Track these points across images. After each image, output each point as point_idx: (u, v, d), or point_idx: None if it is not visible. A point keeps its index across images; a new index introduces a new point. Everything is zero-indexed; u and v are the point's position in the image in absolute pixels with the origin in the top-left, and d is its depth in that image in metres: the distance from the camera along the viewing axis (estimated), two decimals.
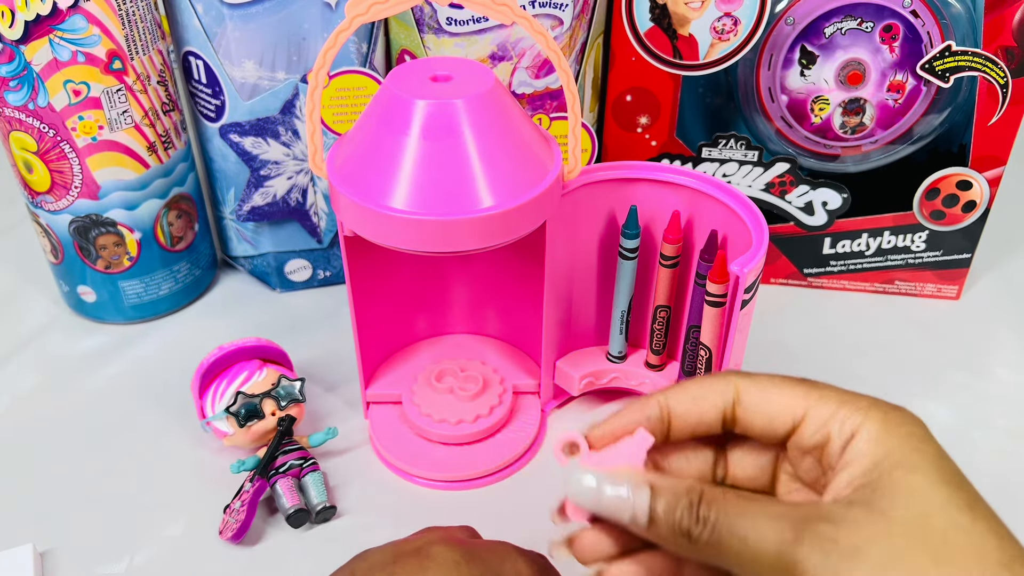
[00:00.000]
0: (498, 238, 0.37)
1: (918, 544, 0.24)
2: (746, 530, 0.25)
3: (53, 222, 0.55)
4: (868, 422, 0.26)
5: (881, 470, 0.26)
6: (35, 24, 0.47)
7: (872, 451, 0.26)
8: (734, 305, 0.39)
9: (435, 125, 0.36)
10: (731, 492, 0.27)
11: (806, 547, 0.24)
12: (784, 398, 0.28)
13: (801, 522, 0.25)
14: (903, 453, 0.26)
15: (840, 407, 0.27)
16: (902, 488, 0.25)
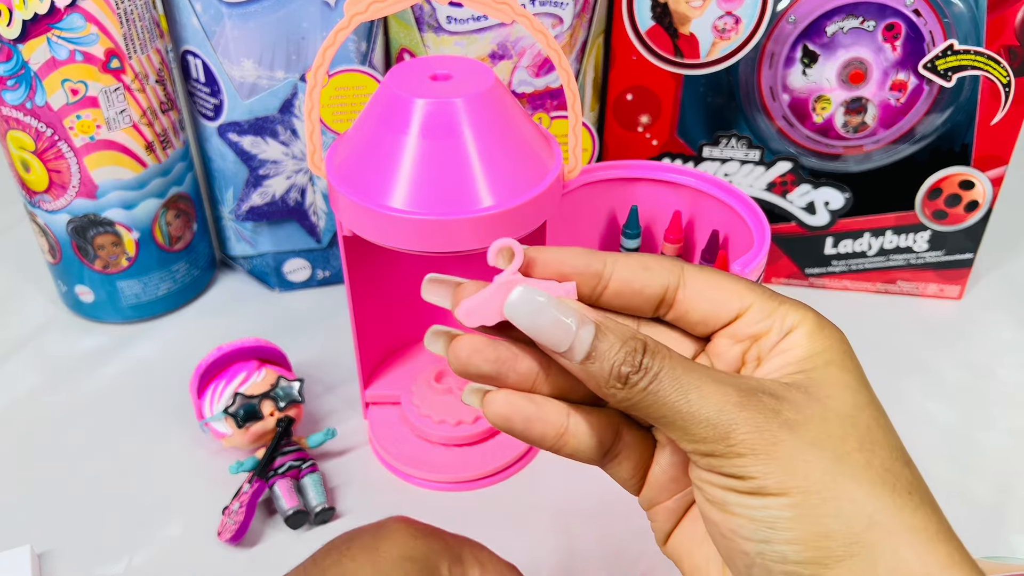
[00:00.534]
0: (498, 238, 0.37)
1: (848, 431, 0.26)
2: (690, 387, 0.26)
3: (51, 222, 0.55)
4: (806, 321, 0.28)
5: (815, 363, 0.27)
6: (33, 23, 0.47)
7: (808, 345, 0.28)
8: None
9: (435, 124, 0.36)
10: (676, 353, 0.27)
11: (748, 412, 0.25)
12: (733, 287, 0.29)
13: (747, 390, 0.26)
14: (835, 354, 0.28)
15: (782, 304, 0.29)
16: (837, 382, 0.27)
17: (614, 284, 0.29)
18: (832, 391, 0.27)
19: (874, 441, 0.26)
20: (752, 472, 0.26)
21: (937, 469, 0.49)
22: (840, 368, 0.27)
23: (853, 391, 0.27)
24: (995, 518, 0.46)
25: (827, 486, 0.25)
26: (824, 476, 0.25)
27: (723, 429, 0.26)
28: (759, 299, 0.29)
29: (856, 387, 0.27)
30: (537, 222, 0.39)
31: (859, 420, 0.27)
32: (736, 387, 0.26)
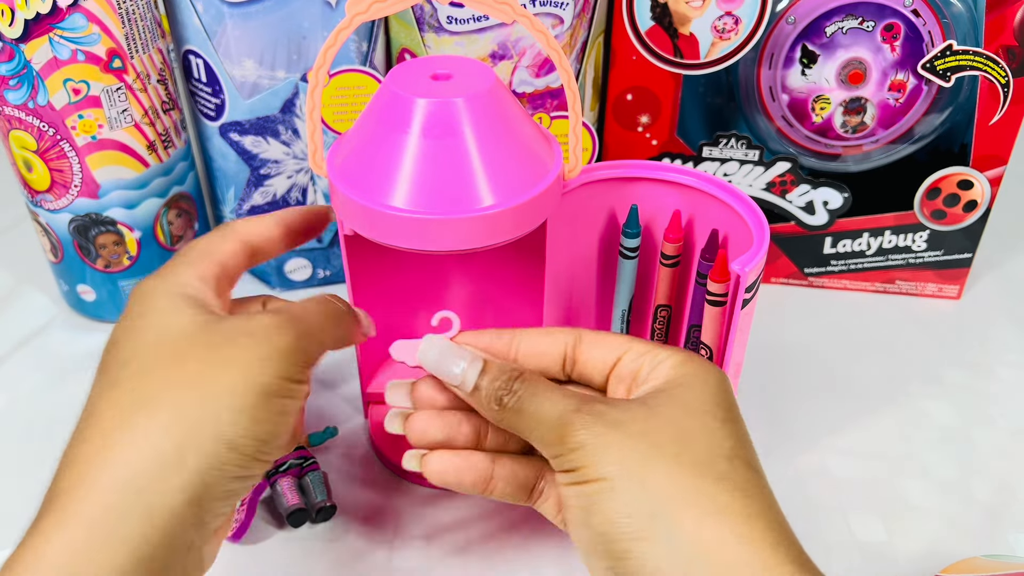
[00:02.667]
0: (499, 237, 0.37)
1: (666, 431, 0.31)
2: (542, 400, 0.32)
3: (53, 221, 0.55)
4: (673, 357, 0.33)
5: (667, 386, 0.32)
6: (35, 23, 0.47)
7: (668, 374, 0.33)
8: (735, 304, 0.39)
9: (435, 124, 0.36)
10: (543, 378, 0.34)
11: (582, 415, 0.31)
12: (615, 340, 0.35)
13: (585, 401, 0.32)
14: (691, 382, 0.32)
15: (656, 347, 0.34)
16: (676, 399, 0.32)
17: (523, 353, 0.36)
18: (665, 403, 0.32)
19: (693, 441, 0.30)
20: (581, 463, 0.31)
21: (936, 468, 0.49)
22: (686, 390, 0.32)
23: (691, 408, 0.31)
24: (994, 517, 0.46)
25: (636, 471, 0.30)
26: (635, 463, 0.30)
27: (562, 430, 0.31)
28: (635, 345, 0.35)
29: (689, 404, 0.32)
30: (537, 221, 0.39)
31: (682, 425, 0.31)
32: (579, 399, 0.32)
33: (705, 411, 0.31)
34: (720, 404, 0.32)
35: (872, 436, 0.51)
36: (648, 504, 0.29)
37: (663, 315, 0.48)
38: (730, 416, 0.32)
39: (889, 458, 0.49)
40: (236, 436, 0.30)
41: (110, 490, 0.28)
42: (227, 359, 0.31)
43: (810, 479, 0.48)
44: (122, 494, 0.28)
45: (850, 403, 0.53)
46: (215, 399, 0.30)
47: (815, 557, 0.44)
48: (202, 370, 0.30)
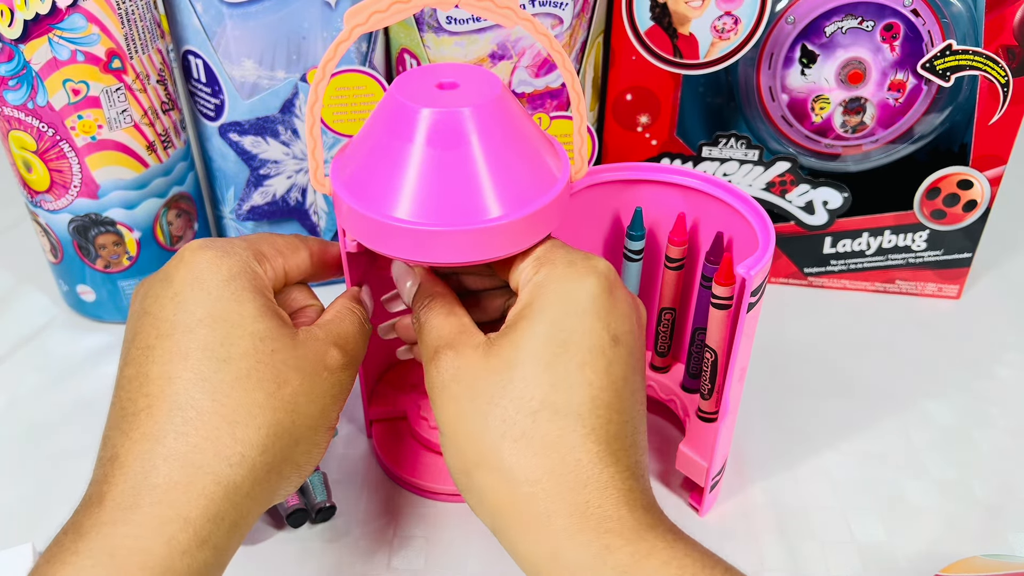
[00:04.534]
0: (507, 249, 0.37)
1: (491, 382, 0.32)
2: (423, 338, 0.36)
3: (52, 221, 0.55)
4: (538, 274, 0.34)
5: (518, 316, 0.33)
6: (34, 23, 0.47)
7: (525, 298, 0.34)
8: (740, 307, 0.39)
9: (442, 134, 0.36)
10: (446, 306, 0.36)
11: (431, 365, 0.34)
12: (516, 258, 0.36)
13: (441, 346, 0.34)
14: (538, 307, 0.33)
15: (533, 260, 0.35)
16: (514, 337, 0.33)
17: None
18: (503, 347, 0.33)
19: (505, 396, 0.31)
20: (432, 407, 0.34)
21: (936, 468, 0.49)
22: (524, 331, 0.32)
23: (518, 350, 0.32)
24: (994, 516, 0.46)
25: (456, 430, 0.32)
26: (457, 422, 0.32)
27: (425, 376, 0.35)
28: (526, 257, 0.36)
29: (525, 351, 0.32)
30: (545, 231, 0.39)
31: (502, 376, 0.32)
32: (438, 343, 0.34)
33: (531, 354, 0.32)
34: (552, 340, 0.32)
35: (872, 436, 0.51)
36: (464, 463, 0.32)
37: (668, 318, 0.48)
38: (559, 351, 0.32)
39: (889, 458, 0.50)
40: (306, 462, 0.35)
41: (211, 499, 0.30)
42: (313, 393, 0.34)
43: (809, 479, 0.48)
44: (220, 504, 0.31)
45: (850, 403, 0.53)
46: (303, 430, 0.34)
47: (815, 557, 0.44)
48: (295, 399, 0.33)
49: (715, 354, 0.43)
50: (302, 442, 0.34)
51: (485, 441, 0.31)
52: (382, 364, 0.52)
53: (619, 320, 0.33)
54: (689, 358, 0.47)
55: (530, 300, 0.33)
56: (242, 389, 0.32)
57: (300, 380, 0.34)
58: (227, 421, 0.31)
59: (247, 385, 0.32)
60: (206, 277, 0.33)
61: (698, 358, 0.46)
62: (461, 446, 0.32)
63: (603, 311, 0.32)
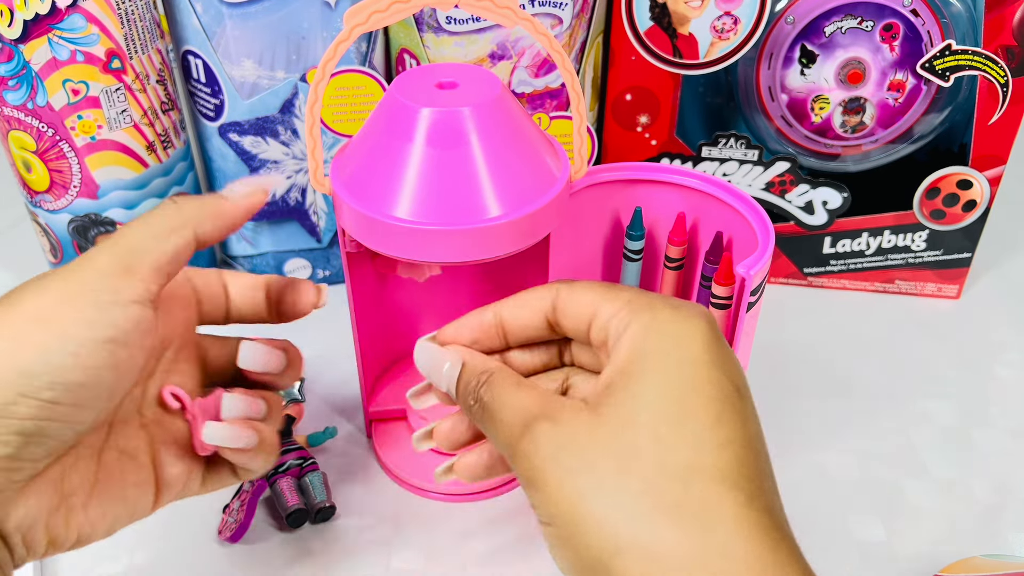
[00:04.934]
0: (506, 248, 0.37)
1: (613, 450, 0.27)
2: (497, 416, 0.30)
3: (52, 221, 0.55)
4: (635, 322, 0.29)
5: (622, 378, 0.28)
6: (34, 23, 0.47)
7: (627, 351, 0.29)
8: (740, 307, 0.39)
9: (441, 134, 0.36)
10: (512, 379, 0.31)
11: (524, 442, 0.28)
12: (584, 298, 0.31)
13: (531, 418, 0.28)
14: (650, 359, 0.28)
15: (621, 308, 0.30)
16: (627, 396, 0.28)
17: (508, 326, 0.33)
18: (618, 408, 0.27)
19: (639, 461, 0.26)
20: (533, 502, 0.28)
21: (936, 468, 0.49)
22: (644, 383, 0.28)
23: (642, 409, 0.27)
24: (994, 516, 0.46)
25: (581, 515, 0.26)
26: (578, 504, 0.26)
27: (512, 461, 0.29)
28: (602, 306, 0.30)
29: (646, 396, 0.27)
30: (545, 231, 0.39)
31: (629, 440, 0.27)
32: (524, 416, 0.29)
33: (657, 411, 0.27)
34: (678, 394, 0.27)
35: (872, 436, 0.51)
36: (596, 553, 0.26)
37: None
38: (691, 407, 0.27)
39: (889, 458, 0.50)
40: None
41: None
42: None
43: (809, 479, 0.48)
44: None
45: (849, 403, 0.53)
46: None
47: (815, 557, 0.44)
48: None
49: None
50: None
51: (625, 520, 0.25)
52: (382, 363, 0.52)
53: (735, 368, 0.29)
54: None
55: (635, 351, 0.28)
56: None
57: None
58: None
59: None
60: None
61: None
62: (590, 532, 0.26)
63: (720, 359, 0.28)
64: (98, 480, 0.32)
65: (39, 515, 0.30)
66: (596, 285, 0.31)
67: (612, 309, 0.30)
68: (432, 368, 0.33)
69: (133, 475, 0.33)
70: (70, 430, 0.29)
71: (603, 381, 0.29)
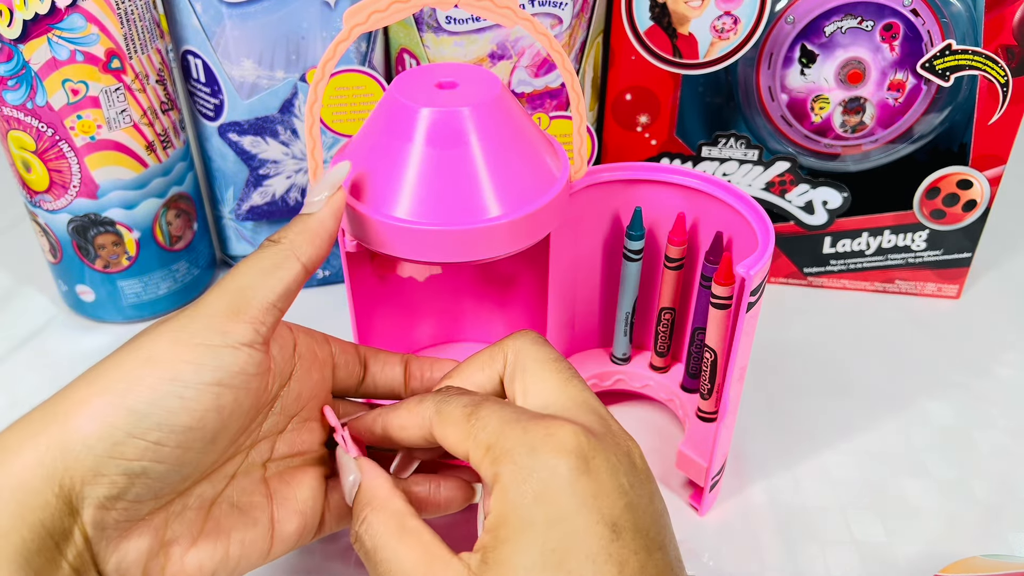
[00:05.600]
0: (507, 248, 0.37)
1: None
2: (377, 567, 0.30)
3: (51, 221, 0.55)
4: (500, 476, 0.28)
5: (498, 536, 0.28)
6: (33, 23, 0.47)
7: (496, 510, 0.28)
8: (740, 307, 0.39)
9: (441, 134, 0.36)
10: (393, 522, 0.30)
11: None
12: (451, 438, 0.31)
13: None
14: (515, 521, 0.28)
15: (484, 456, 0.29)
16: (501, 562, 0.27)
17: (396, 439, 0.34)
18: (498, 570, 0.27)
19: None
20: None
21: (936, 468, 0.49)
22: (513, 544, 0.27)
23: (520, 564, 0.27)
24: (993, 516, 0.46)
25: None
26: None
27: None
28: (472, 450, 0.30)
29: (524, 566, 0.27)
30: (545, 231, 0.39)
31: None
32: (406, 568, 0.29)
33: (535, 569, 0.27)
34: (547, 562, 0.27)
35: (871, 436, 0.51)
36: None
37: (667, 318, 0.48)
38: (564, 556, 0.27)
39: (888, 458, 0.49)
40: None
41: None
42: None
43: (809, 479, 0.48)
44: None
45: (849, 403, 0.53)
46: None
47: (815, 557, 0.44)
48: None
49: (715, 354, 0.43)
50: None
51: None
52: None
53: (610, 499, 0.28)
54: (689, 358, 0.47)
55: (503, 514, 0.28)
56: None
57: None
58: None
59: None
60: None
61: (698, 358, 0.46)
62: None
63: (588, 497, 0.27)
64: (204, 531, 0.32)
65: (138, 559, 0.30)
66: (459, 419, 0.31)
67: (477, 456, 0.30)
68: (344, 480, 0.34)
69: (241, 531, 0.33)
70: (176, 473, 0.30)
71: (481, 541, 0.29)
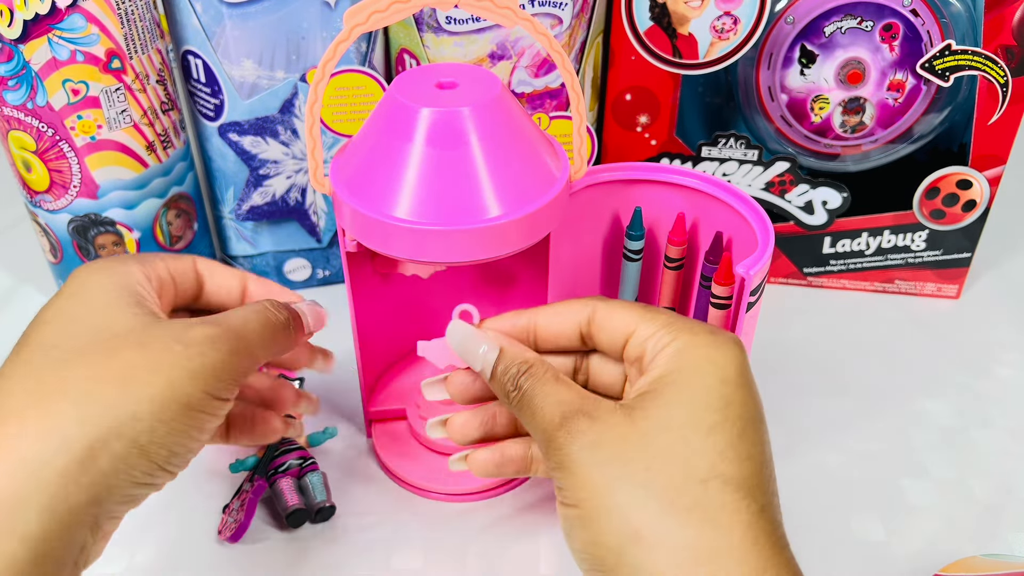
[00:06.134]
0: (507, 248, 0.37)
1: (645, 449, 0.29)
2: (537, 406, 0.32)
3: (52, 221, 0.55)
4: (676, 341, 0.31)
5: (660, 385, 0.31)
6: (34, 23, 0.47)
7: (665, 365, 0.31)
8: (739, 307, 0.39)
9: (441, 134, 0.36)
10: (551, 372, 0.33)
11: (562, 432, 0.30)
12: (624, 316, 0.33)
13: (570, 412, 0.31)
14: (683, 379, 0.30)
15: (661, 328, 0.32)
16: (661, 403, 0.30)
17: (541, 333, 0.35)
18: (652, 412, 0.30)
19: (667, 462, 0.29)
20: (560, 485, 0.30)
21: (935, 468, 0.49)
22: (677, 394, 0.30)
23: (674, 415, 0.30)
24: (993, 516, 0.46)
25: (605, 502, 0.29)
26: (604, 492, 0.29)
27: (547, 444, 0.31)
28: (642, 326, 0.33)
29: (679, 406, 0.30)
30: (545, 231, 0.39)
31: (659, 442, 0.29)
32: (564, 409, 0.31)
33: (688, 419, 0.29)
34: (710, 406, 0.30)
35: (871, 436, 0.51)
36: (615, 538, 0.28)
37: None
38: (720, 419, 0.30)
39: (888, 458, 0.50)
40: (150, 443, 0.30)
41: (13, 477, 0.27)
42: (156, 364, 0.30)
43: (809, 479, 0.48)
44: (24, 483, 0.27)
45: (849, 403, 0.53)
46: (137, 403, 0.30)
47: (815, 557, 0.44)
48: (129, 371, 0.30)
49: None
50: (144, 419, 0.30)
51: (648, 512, 0.28)
52: (381, 364, 0.52)
53: (758, 396, 0.32)
54: None
55: (674, 366, 0.31)
56: (61, 370, 0.30)
57: (138, 352, 0.30)
58: (36, 398, 0.29)
59: (68, 367, 0.30)
60: (77, 291, 0.33)
61: None
62: (612, 520, 0.28)
63: (751, 383, 0.31)
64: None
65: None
66: (634, 305, 0.34)
67: (651, 328, 0.32)
68: (466, 348, 0.34)
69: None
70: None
71: (638, 389, 0.31)
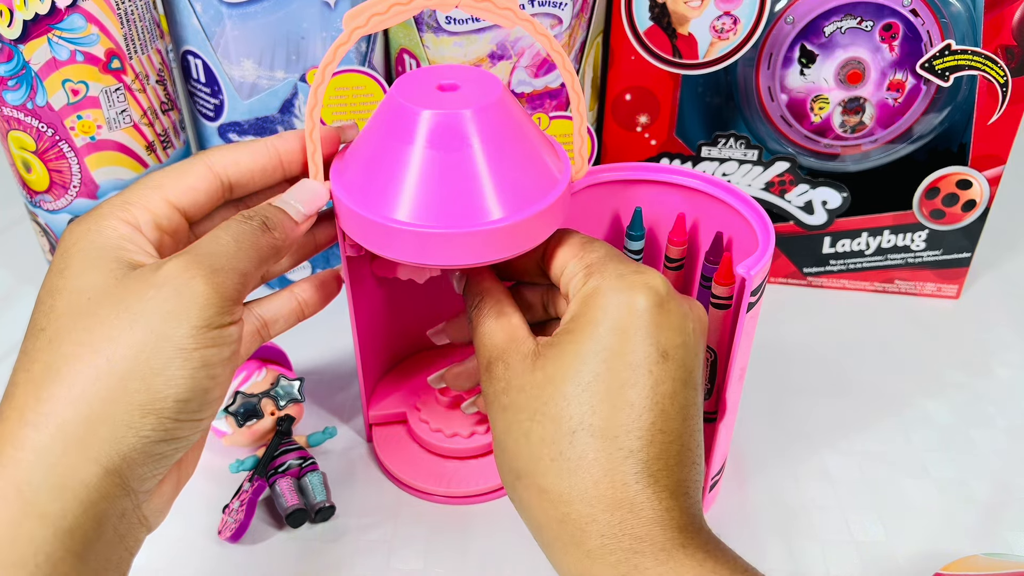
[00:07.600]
0: (508, 251, 0.37)
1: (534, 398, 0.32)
2: (476, 344, 0.36)
3: (52, 221, 0.55)
4: (588, 284, 0.34)
5: (560, 334, 0.33)
6: (33, 23, 0.47)
7: (573, 309, 0.34)
8: (740, 307, 0.39)
9: (443, 136, 0.36)
10: (495, 309, 0.36)
11: (485, 375, 0.35)
12: (564, 251, 0.36)
13: (494, 357, 0.35)
14: (583, 320, 0.32)
15: (584, 268, 0.34)
16: (557, 351, 0.33)
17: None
18: (549, 361, 0.33)
19: (545, 414, 0.32)
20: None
21: (935, 468, 0.49)
22: (571, 345, 0.32)
23: (562, 366, 0.32)
24: (993, 516, 0.46)
25: (504, 444, 0.33)
26: (504, 435, 0.33)
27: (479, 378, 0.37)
28: (573, 260, 0.35)
29: (570, 367, 0.32)
30: (547, 233, 0.38)
31: (543, 393, 0.32)
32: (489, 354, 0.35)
33: (571, 370, 0.32)
34: (596, 356, 0.32)
35: (871, 435, 0.51)
36: (508, 472, 0.33)
37: None
38: (603, 370, 0.31)
39: (888, 457, 0.50)
40: (149, 400, 0.29)
41: (22, 468, 0.28)
42: (134, 317, 0.29)
43: (809, 478, 0.48)
44: (32, 471, 0.28)
45: (849, 403, 0.53)
46: (122, 363, 0.29)
47: (815, 557, 0.44)
48: (109, 333, 0.29)
49: (715, 354, 0.43)
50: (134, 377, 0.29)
51: (526, 457, 0.32)
52: (382, 366, 0.52)
53: (670, 334, 0.32)
54: None
55: (578, 313, 0.33)
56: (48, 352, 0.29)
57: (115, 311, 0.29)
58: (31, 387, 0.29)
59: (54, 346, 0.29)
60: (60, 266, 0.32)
61: None
62: (508, 457, 0.33)
63: (652, 326, 0.32)
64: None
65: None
66: (578, 240, 0.36)
67: (578, 267, 0.35)
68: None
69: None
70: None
71: (558, 330, 0.34)
